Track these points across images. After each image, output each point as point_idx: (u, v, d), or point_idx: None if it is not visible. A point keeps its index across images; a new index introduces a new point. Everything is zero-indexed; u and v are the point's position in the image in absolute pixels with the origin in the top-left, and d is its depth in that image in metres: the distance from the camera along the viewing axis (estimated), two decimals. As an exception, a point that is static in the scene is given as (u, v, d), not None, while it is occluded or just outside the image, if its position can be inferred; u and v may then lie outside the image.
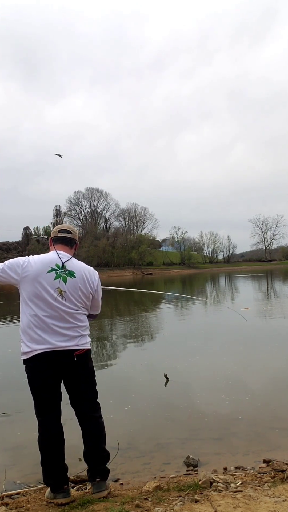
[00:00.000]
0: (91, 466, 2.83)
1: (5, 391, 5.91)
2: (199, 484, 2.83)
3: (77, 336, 2.77)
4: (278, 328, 10.55)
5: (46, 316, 2.69)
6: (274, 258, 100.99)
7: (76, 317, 2.78)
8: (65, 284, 2.73)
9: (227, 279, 45.37)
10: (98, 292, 2.95)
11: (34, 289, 2.71)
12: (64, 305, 2.73)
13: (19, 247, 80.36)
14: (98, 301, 2.99)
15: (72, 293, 2.75)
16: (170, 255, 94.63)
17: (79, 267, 2.86)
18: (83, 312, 2.85)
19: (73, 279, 2.77)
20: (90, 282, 2.85)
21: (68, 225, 3.09)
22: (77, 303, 2.79)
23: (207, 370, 6.54)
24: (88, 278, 2.84)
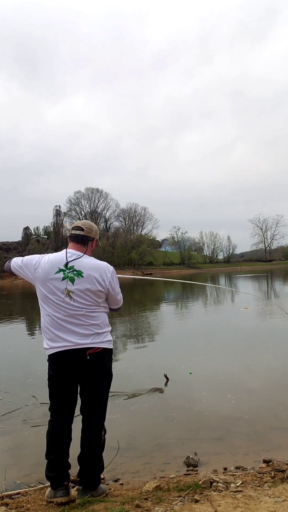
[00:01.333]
0: (79, 472, 2.84)
1: (7, 391, 5.91)
2: (199, 484, 2.83)
3: (91, 334, 2.70)
4: (280, 328, 10.55)
5: (58, 316, 2.71)
6: (274, 258, 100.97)
7: (89, 315, 2.71)
8: (72, 284, 2.70)
9: (227, 279, 45.36)
10: (113, 288, 2.82)
11: (44, 290, 2.74)
12: (72, 305, 2.69)
13: (19, 247, 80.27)
14: (115, 297, 2.86)
15: (80, 293, 2.70)
16: (170, 255, 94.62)
17: (88, 265, 2.76)
18: (97, 311, 2.76)
19: (80, 279, 2.71)
20: (100, 280, 2.74)
21: (85, 221, 2.95)
22: (87, 302, 2.71)
23: (207, 370, 6.54)
24: (98, 277, 2.73)
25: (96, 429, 2.79)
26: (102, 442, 2.82)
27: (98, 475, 2.82)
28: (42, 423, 4.61)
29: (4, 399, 5.48)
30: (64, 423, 2.79)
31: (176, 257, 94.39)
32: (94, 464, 2.79)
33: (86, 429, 2.80)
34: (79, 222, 2.95)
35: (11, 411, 5.03)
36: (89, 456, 2.78)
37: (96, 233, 2.91)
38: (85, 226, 2.88)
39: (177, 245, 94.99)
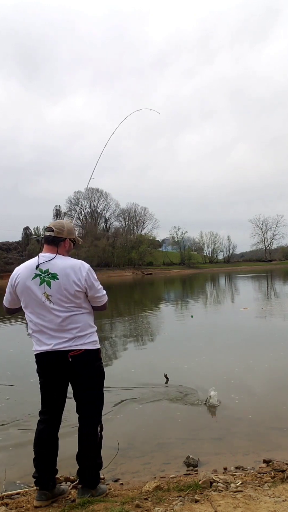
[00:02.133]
0: (78, 471, 2.84)
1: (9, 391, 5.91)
2: (199, 484, 2.83)
3: (72, 338, 2.69)
4: (281, 328, 10.55)
5: (39, 321, 2.72)
6: (274, 258, 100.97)
7: (69, 318, 2.69)
8: (49, 288, 2.68)
9: (227, 279, 45.38)
10: (91, 286, 2.75)
11: (25, 297, 2.74)
12: (53, 309, 2.68)
13: (19, 247, 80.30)
14: (94, 295, 2.79)
15: (59, 295, 2.67)
16: (170, 255, 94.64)
17: (62, 266, 2.71)
18: (77, 313, 2.72)
19: (56, 281, 2.67)
20: (76, 280, 2.69)
21: (56, 222, 2.91)
22: (66, 304, 2.69)
23: (207, 370, 6.54)
24: (73, 276, 2.68)
25: (91, 428, 2.79)
26: (99, 440, 2.81)
27: (96, 473, 2.82)
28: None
29: (7, 399, 5.48)
30: (49, 424, 2.80)
31: (176, 257, 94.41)
32: (92, 462, 2.79)
33: (81, 428, 2.81)
34: (51, 222, 2.94)
35: (12, 412, 5.03)
36: (85, 454, 2.79)
37: (68, 233, 2.84)
38: (55, 226, 2.83)
39: (178, 245, 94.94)
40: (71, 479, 3.22)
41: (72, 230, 2.89)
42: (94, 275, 2.78)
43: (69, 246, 2.86)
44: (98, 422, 2.82)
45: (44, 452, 2.77)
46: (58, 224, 2.86)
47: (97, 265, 78.68)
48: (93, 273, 2.78)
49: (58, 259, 2.74)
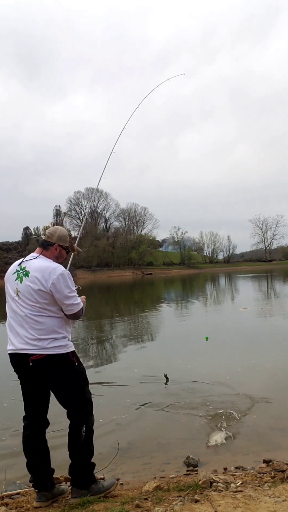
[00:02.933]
0: (68, 472, 2.86)
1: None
2: (199, 484, 2.83)
3: (33, 339, 2.66)
4: (282, 327, 10.55)
5: (10, 317, 2.77)
6: (274, 258, 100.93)
7: (33, 319, 2.67)
8: (21, 284, 2.72)
9: (227, 279, 45.39)
10: (59, 291, 2.67)
11: (6, 291, 2.83)
12: (20, 305, 2.71)
13: (19, 247, 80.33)
14: (63, 301, 2.70)
15: (25, 293, 2.68)
16: (170, 255, 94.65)
17: (37, 266, 2.72)
18: (42, 314, 2.68)
19: (26, 278, 2.70)
20: (42, 280, 2.66)
21: (52, 227, 2.94)
22: (31, 303, 2.68)
23: (207, 369, 6.54)
24: (40, 277, 2.66)
25: (73, 429, 2.77)
26: (83, 441, 2.75)
27: (84, 473, 2.78)
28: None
29: (12, 400, 5.48)
30: (33, 429, 2.80)
31: (176, 257, 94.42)
32: (79, 462, 2.78)
33: (70, 425, 2.83)
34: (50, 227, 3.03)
35: (12, 412, 5.03)
36: (71, 455, 2.79)
37: (58, 239, 2.84)
38: (48, 231, 2.91)
39: (178, 245, 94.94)
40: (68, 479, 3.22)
41: (63, 238, 2.86)
42: (67, 282, 2.71)
43: (59, 252, 2.85)
44: (81, 423, 2.77)
45: (33, 456, 2.78)
46: (52, 229, 2.91)
47: (97, 265, 78.75)
48: (67, 280, 2.72)
49: (38, 259, 2.78)
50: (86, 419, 2.79)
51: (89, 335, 10.94)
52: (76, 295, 2.80)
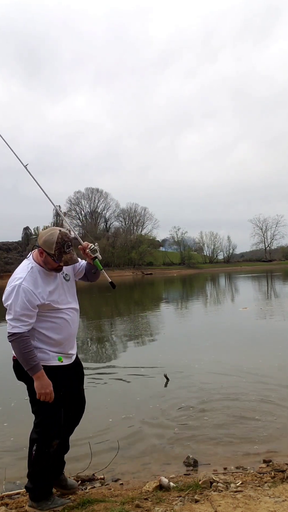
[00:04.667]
0: None
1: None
2: (199, 484, 2.83)
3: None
4: (282, 328, 10.54)
5: None
6: (274, 258, 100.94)
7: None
8: None
9: (227, 279, 45.38)
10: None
11: None
12: None
13: (19, 247, 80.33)
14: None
15: None
16: (170, 255, 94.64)
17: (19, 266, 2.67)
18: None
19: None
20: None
21: (49, 228, 2.68)
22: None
23: (207, 369, 6.53)
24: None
25: (33, 430, 2.68)
26: (33, 458, 2.63)
27: (28, 491, 2.71)
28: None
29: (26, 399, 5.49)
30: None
31: (176, 257, 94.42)
32: (28, 481, 2.71)
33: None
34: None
35: (13, 412, 5.04)
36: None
37: (43, 243, 2.55)
38: (41, 231, 2.68)
39: (179, 245, 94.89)
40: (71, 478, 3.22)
41: (48, 244, 2.53)
42: (8, 295, 2.51)
43: (44, 257, 2.57)
44: (33, 441, 2.64)
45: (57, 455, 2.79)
46: (44, 231, 2.63)
47: (97, 265, 78.52)
48: (9, 293, 2.50)
49: (25, 259, 2.67)
50: (38, 439, 2.62)
51: (88, 334, 10.94)
52: (13, 318, 2.50)
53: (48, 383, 2.54)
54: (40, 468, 2.64)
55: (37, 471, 2.65)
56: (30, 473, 2.68)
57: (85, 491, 3.03)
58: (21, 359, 2.53)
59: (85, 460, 3.46)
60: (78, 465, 3.44)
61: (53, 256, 2.54)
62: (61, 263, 2.57)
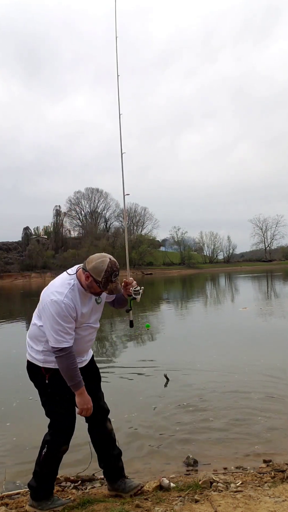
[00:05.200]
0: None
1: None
2: (199, 484, 2.83)
3: (28, 345, 2.75)
4: (282, 327, 10.54)
5: None
6: (274, 258, 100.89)
7: (32, 325, 2.72)
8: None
9: (227, 279, 45.38)
10: (42, 321, 2.59)
11: None
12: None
13: (19, 247, 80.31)
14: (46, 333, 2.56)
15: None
16: (170, 255, 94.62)
17: (56, 279, 2.71)
18: (37, 323, 2.68)
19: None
20: (43, 296, 2.62)
21: (99, 255, 2.64)
22: (37, 312, 2.71)
23: (207, 369, 6.53)
24: (44, 292, 2.64)
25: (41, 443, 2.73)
26: (42, 459, 2.67)
27: (31, 487, 2.71)
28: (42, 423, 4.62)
29: (30, 399, 5.49)
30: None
31: (176, 257, 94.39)
32: (31, 478, 2.74)
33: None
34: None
35: (15, 412, 5.04)
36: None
37: (92, 268, 2.53)
38: (91, 256, 2.66)
39: (181, 245, 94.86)
40: (71, 479, 3.23)
41: (97, 270, 2.52)
42: (49, 314, 2.49)
43: (90, 282, 2.55)
44: (44, 442, 2.69)
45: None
46: (95, 255, 2.63)
47: (97, 265, 78.54)
48: (50, 312, 2.49)
49: (65, 273, 2.66)
50: (50, 441, 2.67)
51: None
52: (59, 338, 2.48)
53: (88, 399, 2.62)
54: (47, 469, 2.69)
55: (44, 472, 2.68)
56: (36, 472, 2.70)
57: (84, 491, 3.03)
58: (67, 375, 2.55)
59: (85, 460, 3.46)
60: (78, 465, 3.44)
61: (99, 283, 2.54)
62: (106, 291, 2.58)
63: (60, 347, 2.48)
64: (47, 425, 2.72)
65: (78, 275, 2.62)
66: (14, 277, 67.77)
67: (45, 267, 72.02)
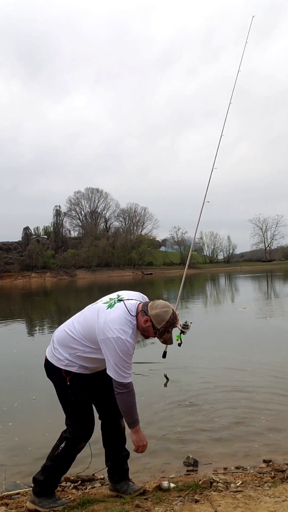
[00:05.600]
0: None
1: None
2: (199, 484, 2.83)
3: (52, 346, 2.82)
4: (282, 327, 10.54)
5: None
6: (274, 258, 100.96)
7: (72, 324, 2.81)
8: (107, 308, 2.74)
9: (227, 279, 45.38)
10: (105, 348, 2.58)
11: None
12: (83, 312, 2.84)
13: (19, 247, 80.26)
14: (108, 365, 2.59)
15: (93, 310, 2.78)
16: (170, 255, 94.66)
17: (119, 308, 2.68)
18: (72, 335, 2.73)
19: (115, 305, 2.72)
20: (100, 325, 2.62)
21: (163, 303, 2.71)
22: (85, 318, 2.76)
23: (206, 369, 6.53)
24: (103, 321, 2.62)
25: (59, 438, 2.77)
26: (57, 454, 2.70)
27: (39, 482, 2.71)
28: (43, 423, 4.62)
29: (33, 399, 5.49)
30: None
31: (176, 257, 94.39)
32: (42, 467, 2.75)
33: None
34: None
35: (14, 412, 5.04)
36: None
37: (155, 315, 2.59)
38: (155, 302, 2.71)
39: (181, 245, 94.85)
40: (71, 479, 3.23)
41: (159, 319, 2.60)
42: (119, 351, 2.53)
43: (148, 326, 2.62)
44: (62, 439, 2.72)
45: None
46: (160, 302, 2.69)
47: (97, 265, 78.73)
48: (121, 351, 2.53)
49: (121, 308, 2.65)
50: (69, 438, 2.71)
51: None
52: (126, 368, 2.57)
53: (144, 436, 2.73)
54: (61, 465, 2.73)
55: (56, 467, 2.72)
56: (47, 466, 2.72)
57: (85, 491, 3.03)
58: (128, 411, 2.64)
59: (85, 460, 3.46)
60: (78, 465, 3.44)
61: (157, 331, 2.62)
62: (160, 339, 2.66)
63: (125, 382, 2.58)
64: (49, 426, 2.74)
65: (138, 317, 2.65)
66: (14, 277, 67.75)
67: (45, 267, 72.04)
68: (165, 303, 2.68)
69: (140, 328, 2.65)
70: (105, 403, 2.83)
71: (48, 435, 3.84)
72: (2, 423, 4.68)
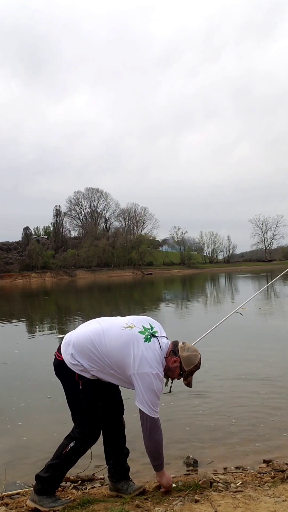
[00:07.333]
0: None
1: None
2: (199, 484, 2.83)
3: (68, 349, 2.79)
4: (282, 327, 10.54)
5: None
6: (274, 258, 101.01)
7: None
8: (144, 341, 2.73)
9: (227, 279, 45.37)
10: (136, 384, 2.66)
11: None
12: (109, 330, 2.78)
13: (19, 247, 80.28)
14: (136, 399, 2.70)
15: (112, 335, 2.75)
16: (170, 255, 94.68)
17: (153, 346, 2.70)
18: (94, 350, 2.71)
19: (152, 339, 2.73)
20: (136, 358, 2.64)
21: (194, 347, 2.88)
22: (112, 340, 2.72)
23: (207, 369, 6.53)
24: (142, 355, 2.64)
25: (66, 437, 2.78)
26: (64, 453, 2.71)
27: (43, 480, 2.71)
28: (44, 422, 4.62)
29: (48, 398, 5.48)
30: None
31: (176, 257, 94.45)
32: (47, 465, 2.75)
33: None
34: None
35: (14, 412, 5.03)
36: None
37: (185, 358, 2.71)
38: (187, 345, 2.84)
39: (182, 245, 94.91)
40: (71, 479, 3.23)
41: (189, 362, 2.73)
42: (155, 387, 2.62)
43: (175, 367, 2.72)
44: (72, 438, 2.73)
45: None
46: (190, 346, 2.82)
47: (97, 265, 78.75)
48: (156, 387, 2.62)
49: (155, 346, 2.67)
50: (78, 439, 2.72)
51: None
52: (155, 404, 2.64)
53: (169, 477, 2.83)
54: (68, 463, 2.74)
55: (63, 465, 2.73)
56: (53, 464, 2.73)
57: (85, 491, 3.03)
58: (156, 452, 2.71)
59: (85, 460, 3.45)
60: (78, 465, 3.43)
61: (184, 372, 2.73)
62: (185, 381, 2.77)
63: (155, 418, 2.65)
64: (59, 427, 2.76)
65: (168, 357, 2.71)
66: (14, 277, 67.78)
67: (45, 267, 72.06)
68: (195, 347, 2.82)
69: (166, 367, 2.72)
70: (109, 406, 2.87)
71: (57, 435, 3.83)
72: (12, 422, 4.68)
